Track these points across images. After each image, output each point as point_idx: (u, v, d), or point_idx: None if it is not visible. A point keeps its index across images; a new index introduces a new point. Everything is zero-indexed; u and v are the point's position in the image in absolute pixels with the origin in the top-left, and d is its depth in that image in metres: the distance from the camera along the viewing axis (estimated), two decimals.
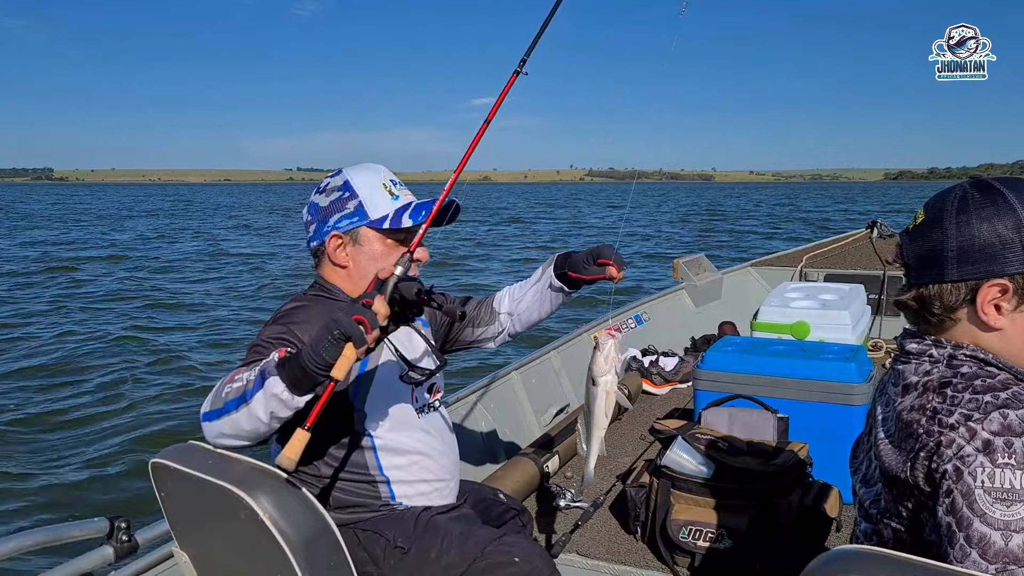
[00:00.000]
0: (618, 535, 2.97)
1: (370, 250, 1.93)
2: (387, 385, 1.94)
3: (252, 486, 1.56)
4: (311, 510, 1.60)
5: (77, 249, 27.83)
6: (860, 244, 7.26)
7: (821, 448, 2.90)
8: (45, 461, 6.84)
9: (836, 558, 1.20)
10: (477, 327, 2.25)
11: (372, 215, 1.91)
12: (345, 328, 1.44)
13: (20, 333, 13.11)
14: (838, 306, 4.33)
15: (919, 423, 1.27)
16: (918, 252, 1.33)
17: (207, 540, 1.83)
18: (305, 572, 1.53)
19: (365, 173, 1.96)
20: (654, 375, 4.94)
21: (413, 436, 1.97)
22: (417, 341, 2.01)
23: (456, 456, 2.12)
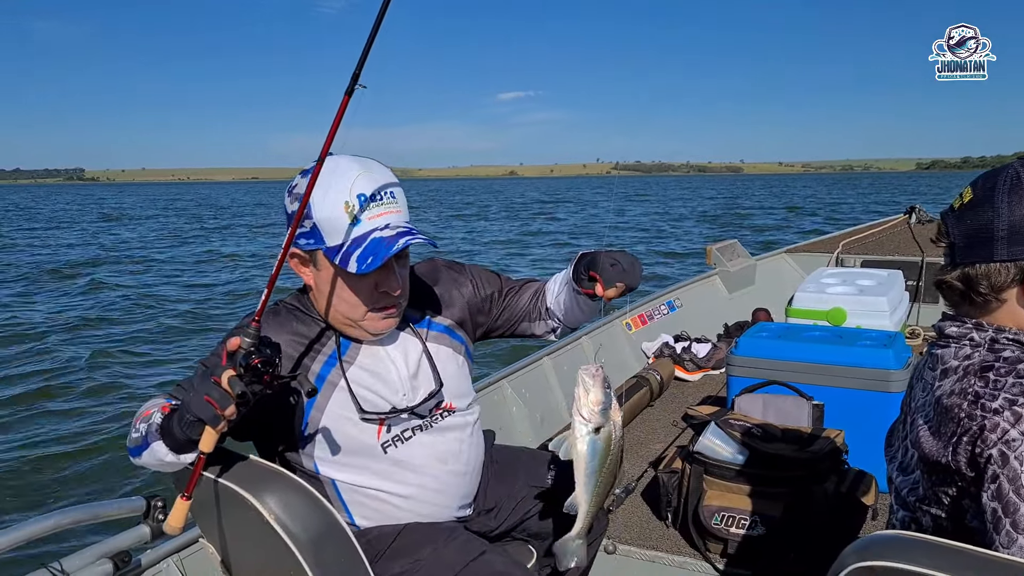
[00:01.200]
0: (650, 521, 2.95)
1: (327, 277, 1.68)
2: (339, 421, 1.73)
3: (259, 488, 1.54)
4: (320, 510, 1.58)
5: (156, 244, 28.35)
6: (898, 230, 7.13)
7: (857, 435, 2.86)
8: (85, 442, 6.99)
9: (874, 543, 1.18)
10: (535, 321, 2.01)
11: (328, 241, 1.62)
12: (195, 412, 1.40)
13: (66, 313, 13.40)
14: (876, 292, 4.25)
15: (960, 407, 1.24)
16: (965, 231, 1.30)
17: (226, 535, 1.84)
18: (315, 570, 1.53)
19: (327, 186, 1.61)
20: (686, 361, 4.91)
21: (376, 472, 1.76)
22: (415, 353, 1.82)
23: (455, 477, 1.86)
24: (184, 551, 2.16)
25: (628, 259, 1.69)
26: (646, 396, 4.27)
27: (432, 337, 1.87)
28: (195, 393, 1.41)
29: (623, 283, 1.68)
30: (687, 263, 18.70)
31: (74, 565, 1.87)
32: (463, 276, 2.00)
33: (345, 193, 1.61)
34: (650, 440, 3.85)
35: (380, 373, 1.77)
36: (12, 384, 9.08)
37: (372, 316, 1.71)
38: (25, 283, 17.96)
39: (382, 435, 1.76)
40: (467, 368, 1.96)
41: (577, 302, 1.87)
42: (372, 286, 1.68)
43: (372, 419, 1.74)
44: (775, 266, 6.86)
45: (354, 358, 1.76)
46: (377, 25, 1.52)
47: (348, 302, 1.69)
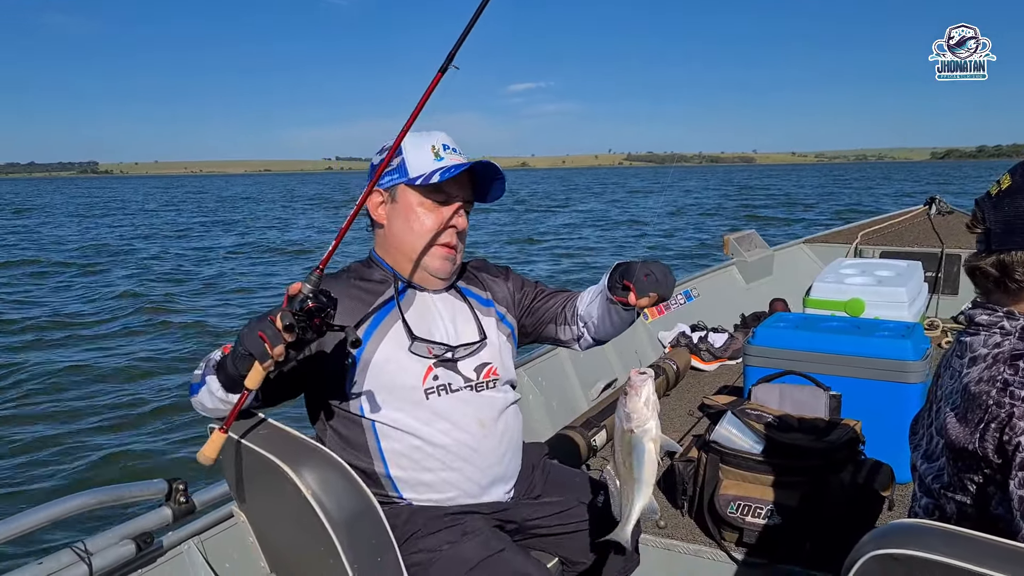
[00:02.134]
0: (665, 510, 2.96)
1: (405, 209, 1.88)
2: (390, 359, 1.83)
3: (298, 462, 1.59)
4: (355, 489, 1.62)
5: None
6: (917, 221, 7.08)
7: (874, 426, 2.85)
8: (108, 426, 7.08)
9: (892, 531, 1.18)
10: (560, 325, 2.08)
11: (411, 172, 1.86)
12: (246, 346, 1.50)
13: (82, 302, 13.54)
14: (894, 283, 4.23)
15: (989, 395, 1.24)
16: (1003, 218, 1.29)
17: (261, 504, 1.88)
18: (347, 549, 1.56)
19: (418, 134, 1.89)
20: (703, 351, 4.90)
21: (416, 416, 1.83)
22: (462, 313, 1.96)
23: (491, 447, 1.91)
24: (205, 533, 2.19)
25: (662, 269, 1.76)
26: (662, 385, 4.27)
27: (479, 307, 2.01)
28: (249, 329, 1.50)
29: (656, 293, 1.75)
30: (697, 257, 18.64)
31: (98, 545, 1.91)
32: (506, 274, 2.15)
33: (433, 140, 1.89)
34: (666, 429, 3.80)
35: (434, 320, 1.91)
36: (43, 364, 9.22)
37: (435, 252, 1.88)
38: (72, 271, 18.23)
39: (428, 380, 1.85)
40: (511, 349, 2.06)
41: (610, 312, 1.92)
42: (442, 217, 1.87)
43: (420, 352, 1.84)
44: (793, 256, 6.82)
45: (411, 304, 1.91)
46: (481, 8, 1.72)
47: (416, 231, 1.87)
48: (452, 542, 1.78)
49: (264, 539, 1.95)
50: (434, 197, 1.87)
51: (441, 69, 1.71)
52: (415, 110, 1.73)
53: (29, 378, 8.80)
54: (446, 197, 1.88)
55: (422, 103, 1.71)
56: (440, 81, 1.71)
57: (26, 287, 16.11)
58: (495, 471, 1.93)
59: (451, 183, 1.86)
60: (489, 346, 1.96)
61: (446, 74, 1.72)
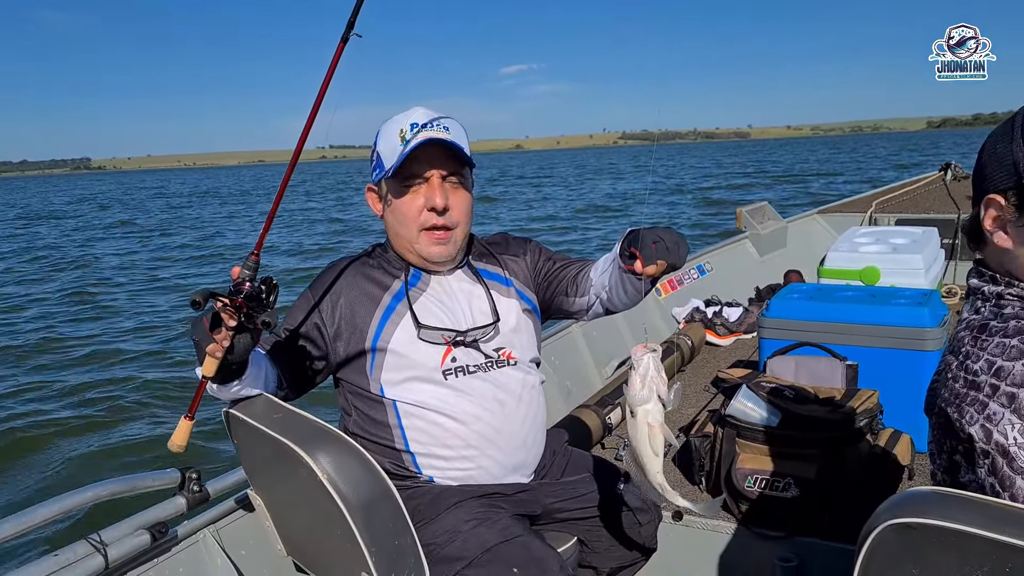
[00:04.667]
0: (682, 485, 2.94)
1: (391, 201, 1.87)
2: (405, 346, 1.84)
3: (313, 446, 1.58)
4: (372, 473, 1.61)
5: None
6: (933, 187, 6.99)
7: (892, 395, 2.81)
8: (119, 416, 7.13)
9: (908, 499, 1.16)
10: (572, 296, 2.02)
11: (386, 164, 1.83)
12: (192, 334, 1.57)
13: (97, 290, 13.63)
14: (910, 250, 4.17)
15: (952, 369, 1.20)
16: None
17: (277, 489, 1.88)
18: (363, 533, 1.55)
19: (392, 122, 1.85)
20: (717, 325, 4.86)
21: (435, 395, 1.84)
22: (477, 294, 1.95)
23: (511, 427, 1.90)
24: (220, 522, 2.20)
25: (673, 237, 1.67)
26: (677, 361, 4.24)
27: (496, 287, 1.98)
28: (193, 320, 1.56)
29: (665, 261, 1.65)
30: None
31: (112, 536, 1.91)
32: (527, 245, 2.11)
33: (402, 123, 1.82)
34: (681, 405, 3.83)
35: (446, 303, 1.90)
36: (57, 355, 9.30)
37: (425, 238, 1.86)
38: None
39: (446, 362, 1.86)
40: (532, 328, 2.02)
41: (622, 282, 1.84)
42: (420, 204, 1.83)
43: (431, 338, 1.84)
44: (806, 227, 6.75)
45: (423, 290, 1.91)
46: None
47: (403, 223, 1.86)
48: (470, 523, 1.78)
49: (280, 524, 1.95)
50: (409, 183, 1.83)
51: (343, 39, 1.66)
52: (322, 88, 1.66)
53: (39, 366, 8.91)
54: (419, 179, 1.83)
55: (328, 78, 1.65)
56: (344, 52, 1.66)
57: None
58: (517, 453, 1.93)
59: (421, 163, 1.80)
60: (504, 327, 1.94)
61: (348, 44, 1.66)
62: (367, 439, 1.88)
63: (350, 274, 1.92)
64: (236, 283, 1.51)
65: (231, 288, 1.50)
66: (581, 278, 2.00)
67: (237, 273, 1.52)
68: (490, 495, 1.87)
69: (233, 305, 1.48)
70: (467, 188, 1.90)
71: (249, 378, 1.69)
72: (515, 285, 2.01)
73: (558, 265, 2.06)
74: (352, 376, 1.90)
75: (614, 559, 2.06)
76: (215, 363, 1.55)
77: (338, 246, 20.40)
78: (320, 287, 1.91)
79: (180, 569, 2.06)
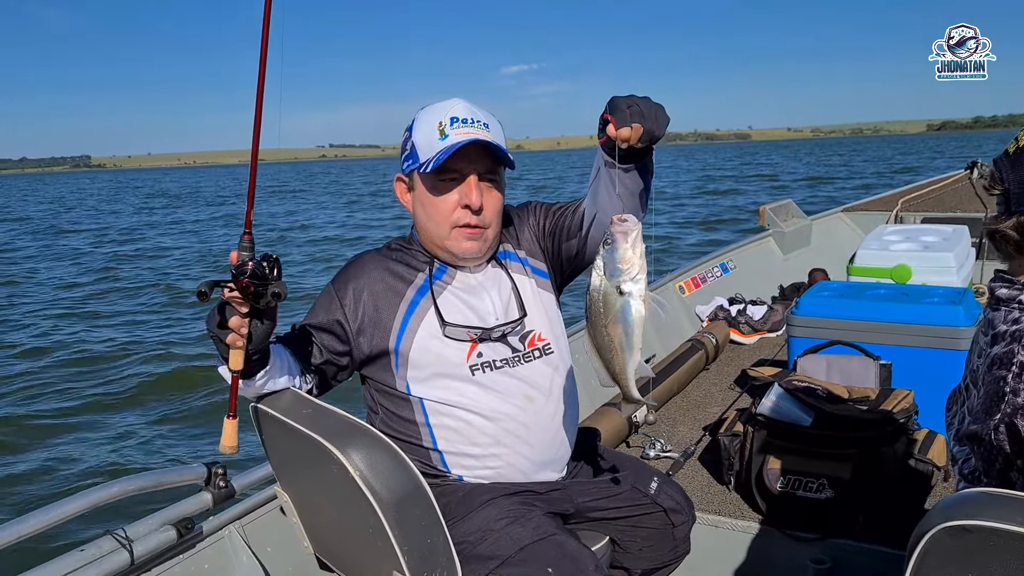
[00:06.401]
0: (711, 486, 2.90)
1: (421, 196, 1.81)
2: (429, 344, 1.79)
3: (344, 442, 1.54)
4: (403, 469, 1.57)
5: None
6: (959, 186, 6.90)
7: (927, 396, 2.75)
8: (145, 412, 7.16)
9: (964, 501, 1.12)
10: (576, 236, 1.88)
11: (420, 157, 1.76)
12: (208, 328, 1.52)
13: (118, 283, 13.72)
14: (941, 248, 4.10)
15: (1004, 380, 1.15)
16: (1022, 176, 1.20)
17: (305, 485, 1.84)
18: (395, 530, 1.51)
19: (430, 111, 1.79)
20: (742, 324, 4.80)
21: (462, 392, 1.80)
22: (504, 286, 1.89)
23: (541, 423, 1.85)
24: (246, 518, 2.17)
25: (649, 104, 1.52)
26: (701, 360, 4.19)
27: (514, 268, 1.92)
28: (209, 313, 1.52)
29: (640, 125, 1.49)
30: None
31: (138, 532, 1.89)
32: (527, 208, 2.03)
33: (441, 115, 1.76)
34: (706, 403, 3.78)
35: (471, 299, 1.84)
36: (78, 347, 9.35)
37: (457, 235, 1.79)
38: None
39: (472, 358, 1.81)
40: (553, 299, 1.96)
41: (610, 180, 1.61)
42: (455, 200, 1.77)
43: (456, 336, 1.79)
44: (831, 225, 6.68)
45: (447, 284, 1.85)
46: None
47: (434, 219, 1.80)
48: (503, 520, 1.74)
49: (308, 521, 1.92)
50: (445, 178, 1.77)
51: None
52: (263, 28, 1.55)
53: (63, 363, 8.95)
54: (456, 176, 1.76)
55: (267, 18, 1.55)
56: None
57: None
58: (548, 450, 1.88)
59: (459, 159, 1.73)
60: (532, 317, 1.89)
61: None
62: (394, 437, 1.83)
63: (373, 268, 1.87)
64: (237, 266, 1.47)
65: (233, 272, 1.47)
66: (578, 213, 1.87)
67: (236, 257, 1.48)
68: (522, 492, 1.83)
69: (240, 287, 1.44)
70: (501, 188, 1.84)
71: (274, 369, 1.65)
72: (530, 263, 1.95)
73: (557, 214, 1.94)
74: (377, 373, 1.86)
75: (646, 560, 2.01)
76: (240, 354, 1.52)
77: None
78: (343, 281, 1.86)
79: (205, 566, 2.04)
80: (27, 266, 18.87)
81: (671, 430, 3.47)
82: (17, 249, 23.12)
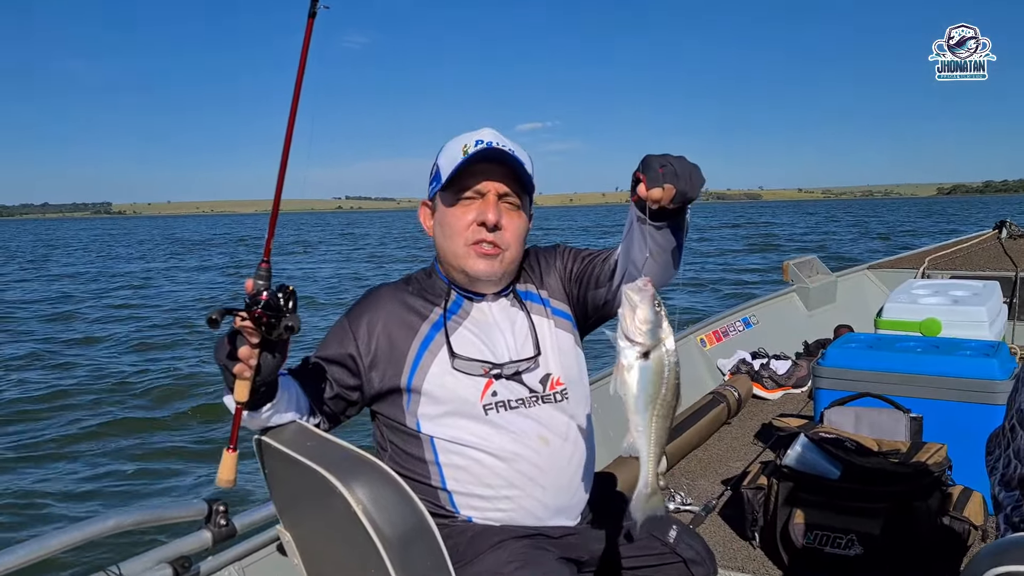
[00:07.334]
0: (733, 541, 2.77)
1: (441, 215, 1.79)
2: (443, 379, 1.73)
3: (348, 475, 1.47)
4: (409, 505, 1.49)
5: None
6: (988, 245, 6.79)
7: (961, 451, 2.64)
8: (145, 443, 7.07)
9: (1015, 545, 1.03)
10: (603, 285, 1.82)
11: (443, 176, 1.75)
12: (216, 357, 1.48)
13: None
14: (973, 302, 3.99)
15: None
16: None
17: (308, 522, 1.76)
18: (398, 570, 1.42)
19: (459, 138, 1.77)
20: (765, 378, 4.69)
21: (473, 432, 1.72)
22: (520, 323, 1.83)
23: (557, 466, 1.76)
24: (246, 559, 2.09)
25: (684, 164, 1.46)
26: (723, 413, 4.08)
27: (534, 308, 1.86)
28: (217, 343, 1.48)
29: (673, 186, 1.43)
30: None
31: (133, 570, 1.81)
32: (555, 251, 1.97)
33: (467, 139, 1.75)
34: (728, 458, 3.66)
35: (484, 334, 1.79)
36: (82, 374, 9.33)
37: (471, 252, 1.75)
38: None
39: (486, 396, 1.74)
40: (573, 342, 1.88)
41: (643, 237, 1.55)
42: (471, 218, 1.74)
43: (467, 369, 1.73)
44: (857, 283, 6.58)
45: (463, 319, 1.80)
46: None
47: (449, 235, 1.77)
48: (513, 564, 1.64)
49: (309, 561, 1.83)
50: (462, 195, 1.74)
51: (310, 14, 1.62)
52: (300, 68, 1.61)
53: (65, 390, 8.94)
54: (476, 195, 1.74)
55: (304, 55, 1.61)
56: (314, 27, 1.62)
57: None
58: (563, 495, 1.79)
59: (478, 176, 1.72)
60: (547, 357, 1.81)
61: (317, 17, 1.62)
62: (402, 475, 1.75)
63: (388, 302, 1.82)
64: (252, 295, 1.43)
65: (247, 301, 1.42)
66: (609, 263, 1.80)
67: (251, 286, 1.45)
68: (534, 536, 1.73)
69: (252, 317, 1.40)
70: (523, 213, 1.80)
71: (281, 402, 1.60)
72: (551, 303, 1.88)
73: (586, 261, 1.89)
74: (387, 409, 1.79)
75: None
76: (246, 385, 1.47)
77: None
78: (357, 315, 1.81)
79: None
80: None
81: (691, 483, 3.35)
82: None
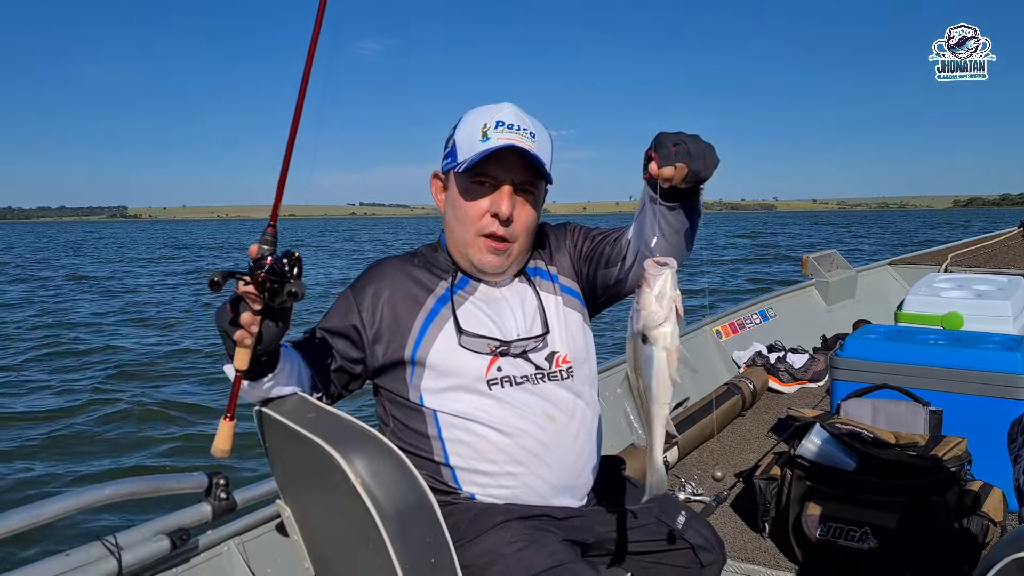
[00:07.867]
0: (744, 532, 2.72)
1: (453, 196, 1.73)
2: (447, 354, 1.70)
3: (348, 448, 1.43)
4: (410, 481, 1.45)
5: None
6: (1012, 243, 6.69)
7: (981, 445, 2.57)
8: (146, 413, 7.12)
9: None
10: (613, 265, 1.78)
11: (459, 156, 1.69)
12: (217, 323, 1.45)
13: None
14: (997, 296, 3.90)
15: None
16: None
17: (307, 497, 1.72)
18: (396, 545, 1.38)
19: (478, 112, 1.71)
20: (781, 372, 4.62)
21: (478, 406, 1.68)
22: (529, 301, 1.79)
23: (562, 444, 1.72)
24: (247, 534, 2.06)
25: (699, 143, 1.43)
26: (737, 404, 4.02)
27: (542, 285, 1.81)
28: (220, 307, 1.43)
29: (685, 165, 1.41)
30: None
31: (129, 540, 1.78)
32: (566, 229, 1.93)
33: (488, 116, 1.68)
34: (741, 449, 3.60)
35: (493, 312, 1.75)
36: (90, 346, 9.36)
37: (480, 245, 1.71)
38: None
39: (491, 371, 1.69)
40: (581, 322, 1.84)
41: (655, 216, 1.54)
42: (484, 207, 1.69)
43: (473, 346, 1.69)
44: (878, 278, 6.48)
45: (470, 295, 1.76)
46: None
47: (461, 221, 1.72)
48: (516, 544, 1.60)
49: (309, 537, 1.80)
50: (477, 182, 1.69)
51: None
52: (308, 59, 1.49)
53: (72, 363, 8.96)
54: (490, 182, 1.68)
55: (312, 48, 1.50)
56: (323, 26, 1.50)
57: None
58: (568, 473, 1.74)
59: (494, 165, 1.65)
60: (553, 334, 1.77)
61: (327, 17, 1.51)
62: (404, 450, 1.71)
63: (393, 275, 1.78)
64: (256, 259, 1.38)
65: (251, 265, 1.38)
66: (620, 243, 1.77)
67: (256, 250, 1.40)
68: (538, 516, 1.69)
69: (255, 281, 1.36)
70: (536, 203, 1.75)
71: (282, 373, 1.56)
72: (560, 281, 1.84)
73: (597, 240, 1.85)
74: (390, 383, 1.76)
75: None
76: (247, 353, 1.43)
77: None
78: (361, 287, 1.77)
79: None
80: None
81: (703, 474, 3.30)
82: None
